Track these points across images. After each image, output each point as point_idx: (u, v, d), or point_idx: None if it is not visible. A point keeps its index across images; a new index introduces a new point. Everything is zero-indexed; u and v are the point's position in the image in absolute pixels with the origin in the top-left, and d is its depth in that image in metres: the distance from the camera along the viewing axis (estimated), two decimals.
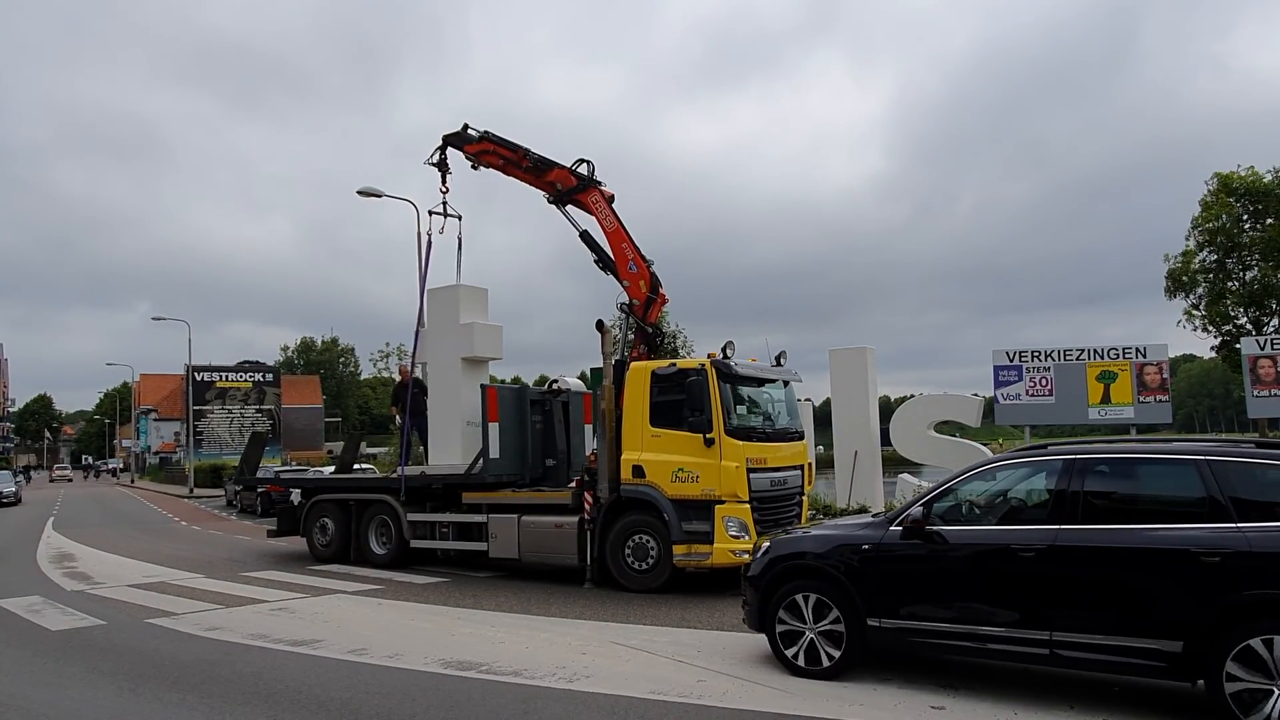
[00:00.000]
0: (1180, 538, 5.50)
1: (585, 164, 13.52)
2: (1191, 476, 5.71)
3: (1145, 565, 5.58)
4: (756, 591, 7.22)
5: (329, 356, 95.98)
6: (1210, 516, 5.50)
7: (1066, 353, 12.60)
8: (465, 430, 14.10)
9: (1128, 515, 5.92)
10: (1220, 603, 5.24)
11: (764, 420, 11.84)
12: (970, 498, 6.72)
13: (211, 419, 63.93)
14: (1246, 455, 5.69)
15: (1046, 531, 5.96)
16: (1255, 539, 5.25)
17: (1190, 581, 5.37)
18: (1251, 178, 22.84)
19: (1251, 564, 5.20)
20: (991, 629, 6.07)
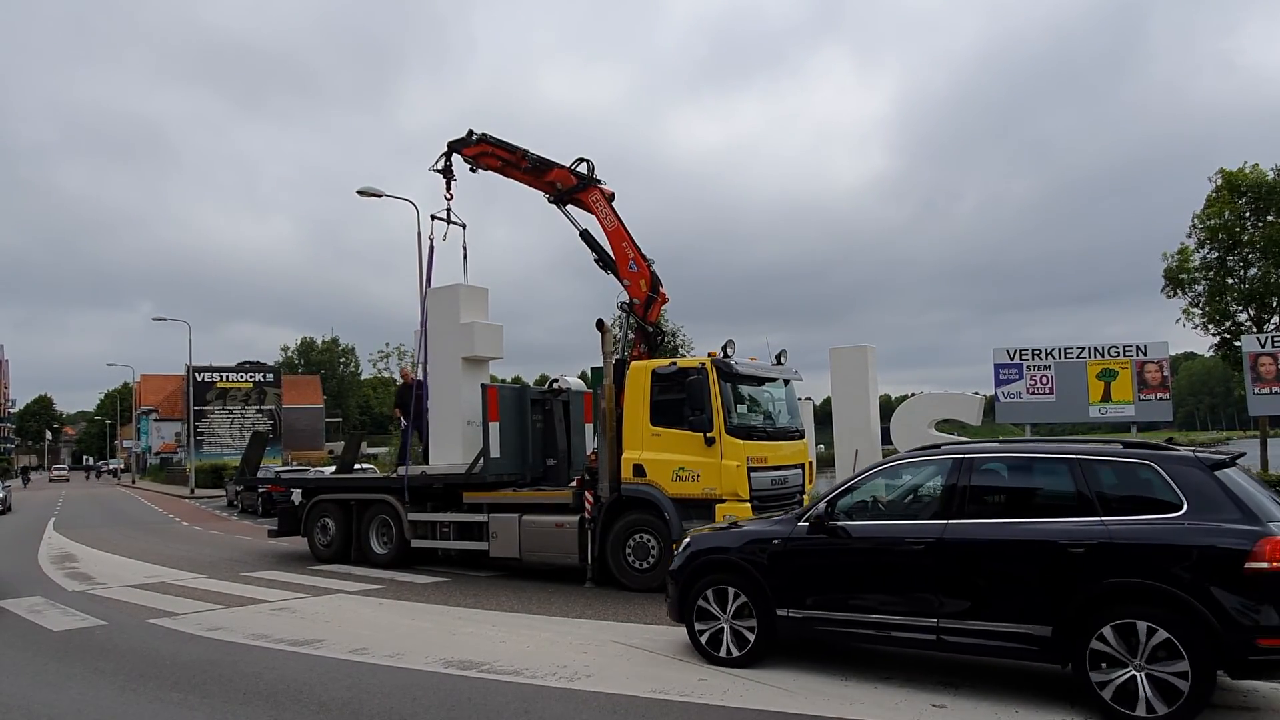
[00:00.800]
0: (1051, 531, 5.97)
1: (585, 163, 13.53)
2: (1064, 475, 6.21)
3: (1020, 556, 6.04)
4: (677, 585, 7.63)
5: (330, 356, 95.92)
6: (1079, 511, 5.98)
7: (1067, 351, 12.60)
8: (466, 430, 14.11)
9: (1008, 510, 6.41)
10: (1085, 590, 5.70)
11: (765, 419, 11.84)
12: (874, 495, 7.16)
13: (212, 419, 63.91)
14: (1111, 455, 6.21)
15: (936, 526, 6.42)
16: (1115, 532, 5.74)
17: (1059, 571, 5.83)
18: (1256, 175, 22.83)
19: (1112, 554, 5.69)
20: (889, 617, 6.50)
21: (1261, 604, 5.29)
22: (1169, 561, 5.53)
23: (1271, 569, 5.28)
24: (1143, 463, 6.03)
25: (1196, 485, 5.73)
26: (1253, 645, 5.29)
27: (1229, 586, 5.35)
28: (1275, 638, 5.26)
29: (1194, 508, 5.65)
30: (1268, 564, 5.28)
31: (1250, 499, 5.69)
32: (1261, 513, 5.58)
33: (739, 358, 11.33)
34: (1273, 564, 5.28)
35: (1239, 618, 5.31)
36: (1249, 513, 5.54)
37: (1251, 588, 5.31)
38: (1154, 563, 5.57)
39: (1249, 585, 5.31)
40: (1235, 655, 5.33)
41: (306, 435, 71.06)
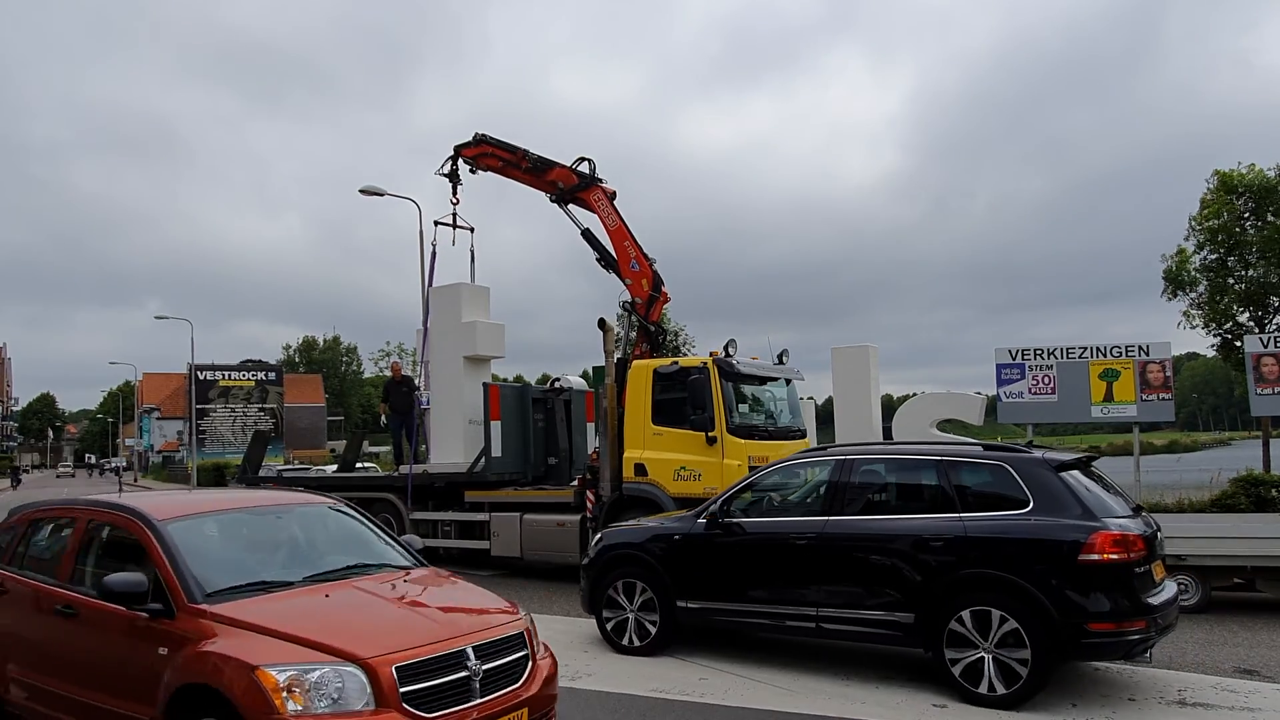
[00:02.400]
0: (914, 526, 6.50)
1: (586, 162, 13.51)
2: (931, 475, 6.77)
3: (889, 550, 6.53)
4: (588, 578, 8.12)
5: (331, 355, 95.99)
6: (942, 508, 6.50)
7: (1069, 351, 12.56)
8: (468, 429, 14.12)
9: (880, 507, 6.96)
10: (943, 580, 6.21)
11: (766, 418, 11.83)
12: (768, 493, 7.61)
13: (214, 418, 63.95)
14: (970, 456, 6.71)
15: (818, 522, 6.93)
16: (970, 526, 6.25)
17: (922, 563, 6.33)
18: (1255, 176, 22.76)
19: (967, 547, 6.18)
20: (777, 608, 7.00)
21: (1093, 592, 5.80)
22: (1015, 554, 6.02)
23: (1102, 560, 5.77)
24: (996, 464, 6.50)
25: (1043, 484, 6.19)
26: (1084, 630, 5.80)
27: (1065, 576, 5.85)
28: (1104, 623, 5.78)
29: (1040, 505, 6.11)
30: (1099, 555, 5.77)
31: (1091, 497, 6.20)
32: (1099, 509, 6.09)
33: (741, 357, 11.32)
34: (1103, 555, 5.77)
35: (1073, 604, 5.80)
36: (1087, 509, 6.03)
37: (1085, 577, 5.81)
38: (1002, 555, 6.06)
39: (1082, 575, 5.82)
40: (1069, 639, 5.81)
41: (308, 434, 71.10)
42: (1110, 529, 5.88)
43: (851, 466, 7.07)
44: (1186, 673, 6.90)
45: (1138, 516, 6.45)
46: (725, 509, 7.41)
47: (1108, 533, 5.84)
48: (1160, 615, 5.96)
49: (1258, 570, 9.14)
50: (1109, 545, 5.80)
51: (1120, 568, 5.81)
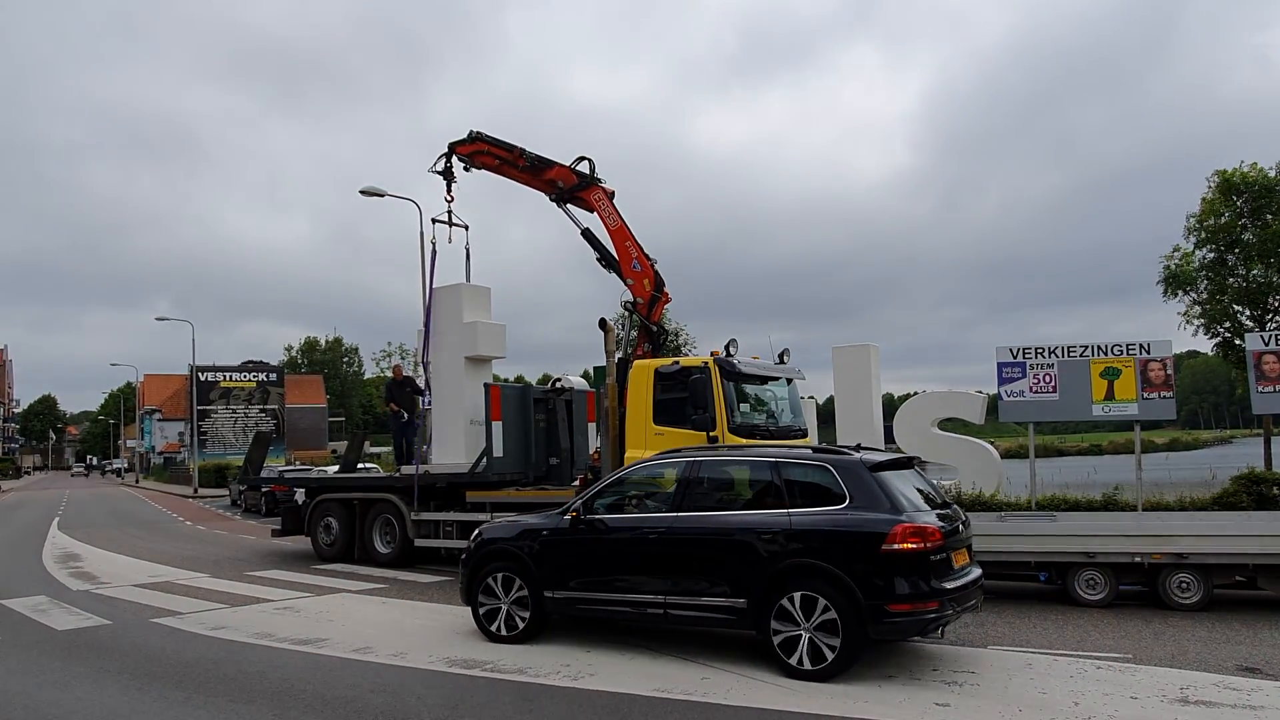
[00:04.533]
0: (749, 520, 7.22)
1: (585, 161, 13.51)
2: (766, 474, 7.45)
3: (726, 542, 7.21)
4: (466, 571, 8.66)
5: (333, 356, 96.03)
6: (773, 505, 7.21)
7: (1070, 349, 12.55)
8: (469, 429, 14.12)
9: (722, 504, 7.66)
10: (772, 568, 6.89)
11: (767, 418, 11.83)
12: (628, 492, 8.24)
13: (215, 419, 64.01)
14: (799, 458, 7.42)
15: (667, 518, 7.61)
16: (795, 520, 6.96)
17: (754, 553, 7.01)
18: (1255, 174, 22.74)
19: (792, 539, 6.90)
20: (632, 595, 7.62)
21: (894, 577, 6.54)
22: (831, 544, 6.79)
23: (902, 549, 6.53)
24: (820, 465, 7.25)
25: (859, 483, 6.96)
26: (885, 610, 6.51)
27: (871, 563, 6.60)
28: (902, 604, 6.52)
29: (854, 501, 6.88)
30: (899, 545, 6.54)
31: (900, 493, 6.96)
32: (906, 504, 6.87)
33: (742, 356, 11.32)
34: (903, 545, 6.53)
35: (876, 588, 6.54)
36: (895, 504, 6.79)
37: (887, 564, 6.55)
38: (820, 545, 6.81)
39: (885, 562, 6.56)
40: (873, 618, 6.52)
41: (309, 435, 71.07)
42: (910, 522, 6.64)
43: (699, 467, 7.84)
44: (1189, 670, 6.90)
45: (944, 511, 7.21)
46: (588, 507, 8.08)
47: (907, 525, 6.60)
48: (954, 597, 6.74)
49: (1260, 568, 9.14)
50: (908, 536, 6.56)
51: (917, 556, 6.57)
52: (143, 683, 7.10)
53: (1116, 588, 9.55)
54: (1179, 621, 8.73)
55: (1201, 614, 9.02)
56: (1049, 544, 9.78)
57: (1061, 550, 9.69)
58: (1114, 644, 7.84)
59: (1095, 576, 9.57)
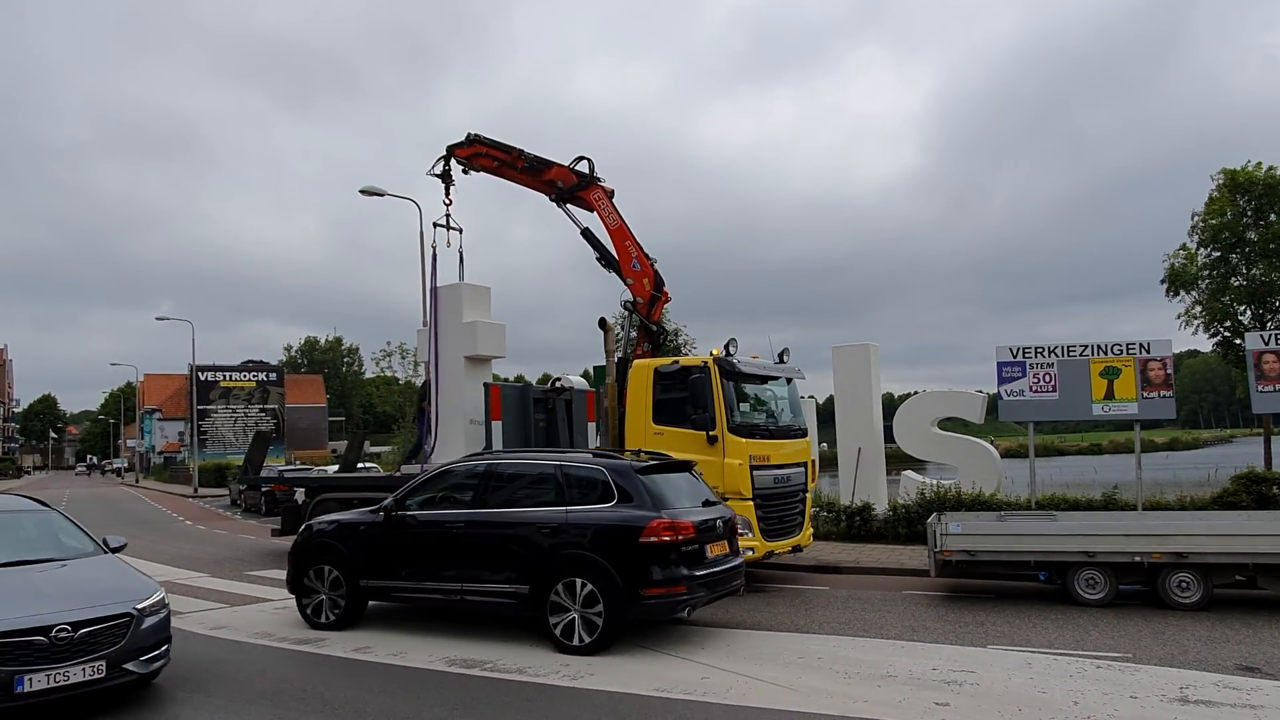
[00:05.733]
0: (533, 516, 8.13)
1: (584, 161, 13.50)
2: (551, 475, 8.40)
3: (513, 535, 8.11)
4: (292, 563, 9.47)
5: (333, 356, 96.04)
6: (555, 503, 8.16)
7: (1070, 349, 12.56)
8: (469, 428, 14.12)
9: (513, 502, 8.48)
10: (550, 558, 7.83)
11: (767, 417, 11.83)
12: (438, 490, 9.04)
13: (215, 419, 64.01)
14: (579, 462, 8.46)
15: (467, 514, 8.52)
16: (571, 516, 7.92)
17: (536, 545, 7.92)
18: (1263, 174, 22.73)
19: (567, 532, 7.84)
20: (436, 583, 8.49)
21: (649, 565, 7.49)
22: (598, 537, 7.72)
23: (656, 541, 7.51)
24: (596, 468, 8.24)
25: (627, 483, 7.93)
26: (640, 594, 7.43)
27: (629, 553, 7.54)
28: (654, 588, 7.48)
29: (622, 499, 7.85)
30: (654, 538, 7.52)
31: (662, 494, 7.95)
32: (665, 503, 7.84)
33: (741, 356, 11.32)
34: (657, 538, 7.52)
35: (634, 574, 7.47)
36: (657, 503, 7.77)
37: (643, 554, 7.50)
38: (590, 538, 7.73)
39: (641, 552, 7.51)
40: (630, 600, 7.44)
41: (309, 434, 71.11)
42: (664, 518, 7.60)
43: (496, 469, 8.82)
44: (1188, 670, 6.90)
45: (708, 510, 8.27)
46: (399, 504, 8.93)
47: (661, 521, 7.59)
48: (704, 583, 7.77)
49: (1259, 568, 9.13)
50: (661, 530, 7.54)
51: (669, 547, 7.56)
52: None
53: (1116, 587, 9.54)
54: (1179, 621, 8.73)
55: (1201, 613, 9.02)
56: (1049, 543, 9.78)
57: (1061, 550, 9.69)
58: (1114, 643, 7.84)
59: (1095, 576, 9.57)
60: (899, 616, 9.22)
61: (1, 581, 6.37)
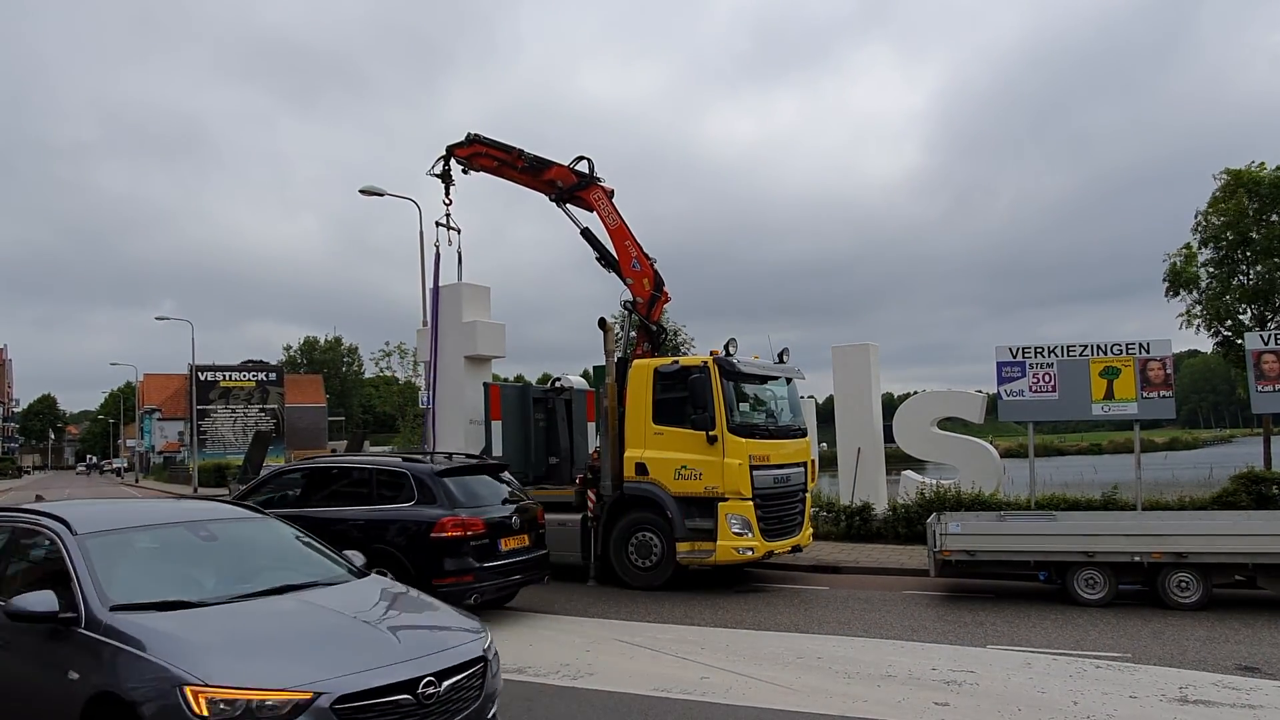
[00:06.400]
0: (347, 512, 9.16)
1: (584, 161, 13.49)
2: (365, 478, 9.47)
3: (331, 529, 8.53)
4: None
5: (332, 356, 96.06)
6: (366, 501, 9.22)
7: (1070, 349, 12.55)
8: (468, 428, 14.13)
9: (331, 500, 9.49)
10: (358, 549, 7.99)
11: (767, 417, 11.83)
12: (275, 489, 10.27)
13: (215, 418, 63.97)
14: (389, 465, 9.49)
15: (292, 511, 8.99)
16: (375, 513, 8.98)
17: (349, 538, 8.35)
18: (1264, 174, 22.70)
19: (372, 527, 8.80)
20: None
21: (440, 557, 8.42)
22: (397, 531, 8.70)
23: (446, 536, 8.44)
24: (400, 471, 9.11)
25: (426, 485, 8.84)
26: (431, 583, 7.98)
27: (422, 547, 8.46)
28: (444, 578, 8.30)
29: (421, 499, 8.78)
30: (444, 533, 8.44)
31: (457, 494, 8.84)
32: (460, 502, 8.73)
33: (741, 356, 11.32)
34: (447, 533, 8.45)
35: (426, 565, 8.37)
36: (451, 502, 8.67)
37: (434, 547, 8.44)
38: (390, 532, 8.71)
39: (433, 546, 8.43)
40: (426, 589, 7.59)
41: (309, 434, 71.06)
42: (454, 516, 8.51)
43: (319, 472, 10.04)
44: (1188, 670, 6.90)
45: (504, 508, 9.16)
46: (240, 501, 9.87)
47: (451, 518, 8.48)
48: (495, 572, 8.67)
49: (1259, 567, 9.13)
50: (450, 526, 8.44)
51: (458, 541, 8.46)
52: None
53: (1116, 587, 9.54)
54: (1178, 621, 8.73)
55: (1201, 613, 9.02)
56: (1048, 543, 9.78)
57: (1061, 549, 9.69)
58: (1113, 643, 7.84)
59: (1095, 576, 9.57)
60: (899, 616, 9.22)
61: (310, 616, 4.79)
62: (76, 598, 4.48)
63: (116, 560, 4.90)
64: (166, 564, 5.24)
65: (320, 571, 5.53)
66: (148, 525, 5.48)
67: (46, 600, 4.39)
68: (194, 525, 5.60)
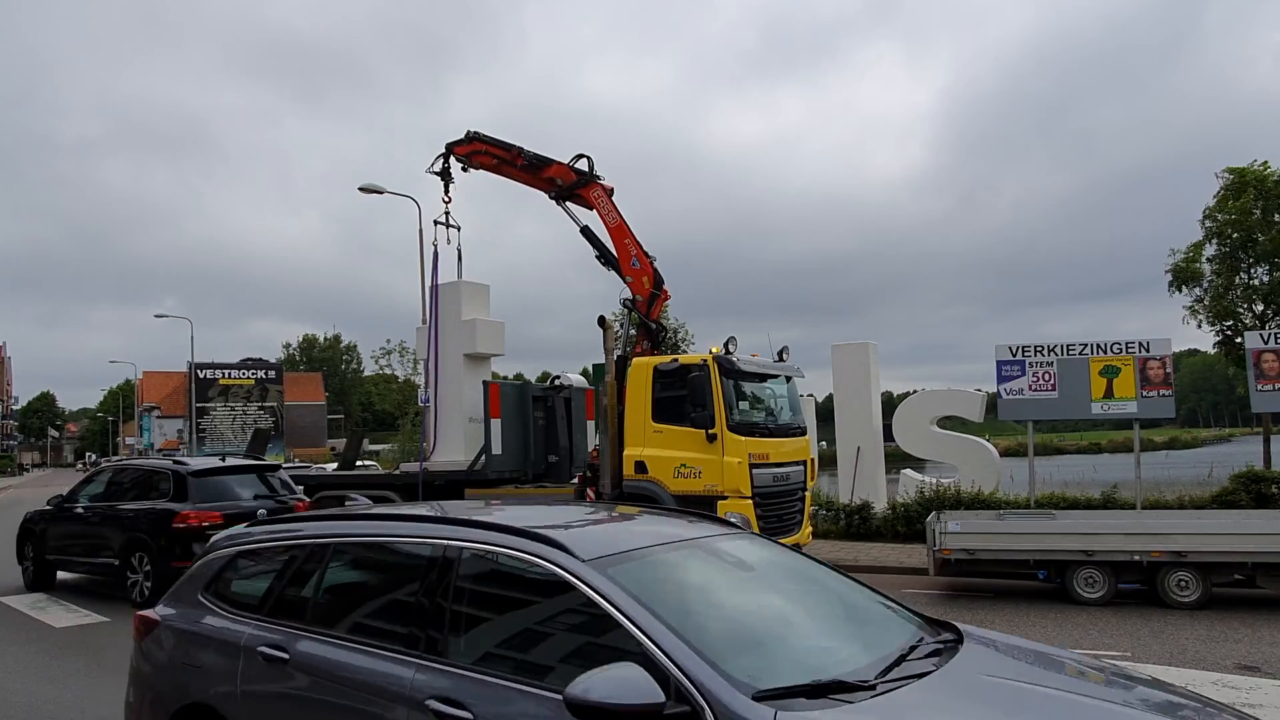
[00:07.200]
0: (130, 507, 11.05)
1: (584, 159, 13.47)
2: (142, 476, 11.54)
3: (113, 521, 11.12)
4: (16, 542, 12.89)
5: (332, 354, 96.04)
6: (141, 497, 11.14)
7: (1069, 347, 12.53)
8: (468, 427, 14.11)
9: (123, 496, 11.40)
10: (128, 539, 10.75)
11: (766, 415, 11.82)
12: (95, 487, 12.16)
13: (214, 416, 63.91)
14: (156, 466, 11.72)
15: (89, 505, 11.74)
16: (139, 507, 10.93)
17: (122, 530, 10.87)
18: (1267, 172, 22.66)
19: (138, 518, 10.80)
20: (76, 557, 11.68)
21: (177, 544, 10.22)
22: (149, 522, 10.62)
23: (185, 526, 10.31)
24: (164, 470, 11.23)
25: (180, 483, 10.82)
26: (170, 566, 9.78)
27: (166, 535, 10.37)
28: (182, 561, 9.36)
29: (174, 496, 10.73)
30: (182, 524, 10.34)
31: (208, 491, 10.81)
32: (208, 498, 10.68)
33: (741, 354, 11.31)
34: (184, 523, 10.33)
35: (168, 550, 10.21)
36: (205, 498, 10.66)
37: (173, 536, 10.32)
38: (146, 523, 10.65)
39: (174, 535, 10.33)
40: (167, 571, 9.67)
41: (308, 432, 71.14)
42: (193, 509, 10.42)
43: (119, 472, 12.14)
44: (1187, 669, 6.89)
45: (253, 501, 10.97)
46: (66, 498, 12.26)
47: (190, 511, 10.41)
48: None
49: (1258, 566, 9.13)
50: (189, 518, 10.36)
51: (193, 530, 10.18)
52: None
53: (1115, 586, 9.54)
54: (1178, 620, 8.73)
55: (1200, 612, 9.02)
56: (1048, 542, 9.78)
57: (1060, 548, 9.68)
58: (1113, 642, 7.84)
59: (1094, 575, 9.57)
60: None
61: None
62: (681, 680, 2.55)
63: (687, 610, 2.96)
64: (742, 612, 3.28)
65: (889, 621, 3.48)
66: (661, 545, 3.40)
67: (640, 685, 2.47)
68: (704, 545, 3.59)
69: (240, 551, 4.23)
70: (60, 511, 12.02)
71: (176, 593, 4.36)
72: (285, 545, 4.02)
